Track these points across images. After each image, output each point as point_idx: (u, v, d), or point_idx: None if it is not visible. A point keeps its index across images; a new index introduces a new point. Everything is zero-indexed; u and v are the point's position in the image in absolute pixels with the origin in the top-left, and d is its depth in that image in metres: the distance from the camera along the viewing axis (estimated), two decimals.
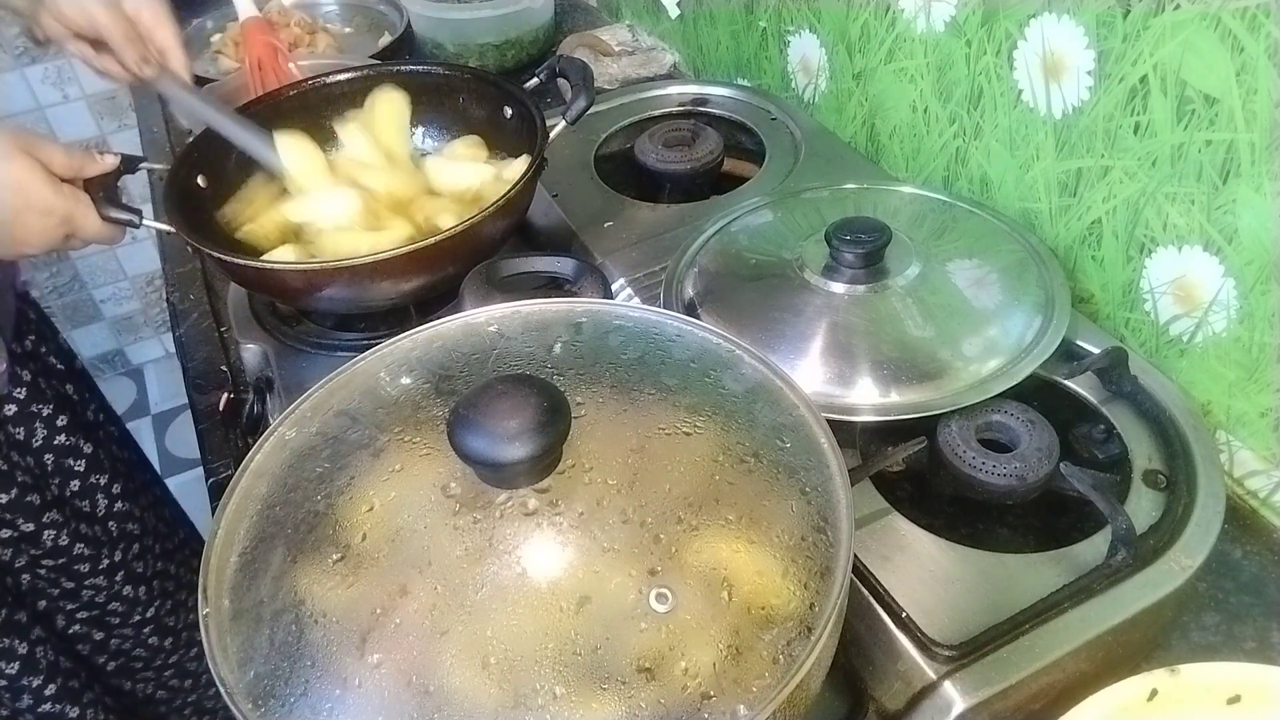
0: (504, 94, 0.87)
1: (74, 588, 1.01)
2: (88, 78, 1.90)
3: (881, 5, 0.86)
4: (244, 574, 0.43)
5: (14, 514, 0.92)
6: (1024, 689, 0.52)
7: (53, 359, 1.03)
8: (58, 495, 0.97)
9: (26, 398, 0.94)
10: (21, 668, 0.94)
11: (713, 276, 0.73)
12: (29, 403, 0.94)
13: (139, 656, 1.12)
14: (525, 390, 0.41)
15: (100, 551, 1.01)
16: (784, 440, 0.46)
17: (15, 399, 0.93)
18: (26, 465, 0.93)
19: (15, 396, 0.93)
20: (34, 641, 0.96)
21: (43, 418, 0.95)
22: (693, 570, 0.40)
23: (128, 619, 1.07)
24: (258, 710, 0.37)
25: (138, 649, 1.11)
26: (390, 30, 1.32)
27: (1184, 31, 0.60)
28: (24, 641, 0.95)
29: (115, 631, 1.08)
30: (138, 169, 0.80)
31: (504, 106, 0.86)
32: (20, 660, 0.94)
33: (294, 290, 0.76)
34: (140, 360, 2.36)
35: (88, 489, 1.01)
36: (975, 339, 0.64)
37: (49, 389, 0.98)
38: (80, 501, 1.00)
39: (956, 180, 0.86)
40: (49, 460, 0.96)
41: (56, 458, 0.97)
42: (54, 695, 0.98)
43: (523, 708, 0.36)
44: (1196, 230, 0.65)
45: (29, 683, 0.95)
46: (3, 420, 0.92)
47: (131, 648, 1.10)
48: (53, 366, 1.02)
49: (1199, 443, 0.61)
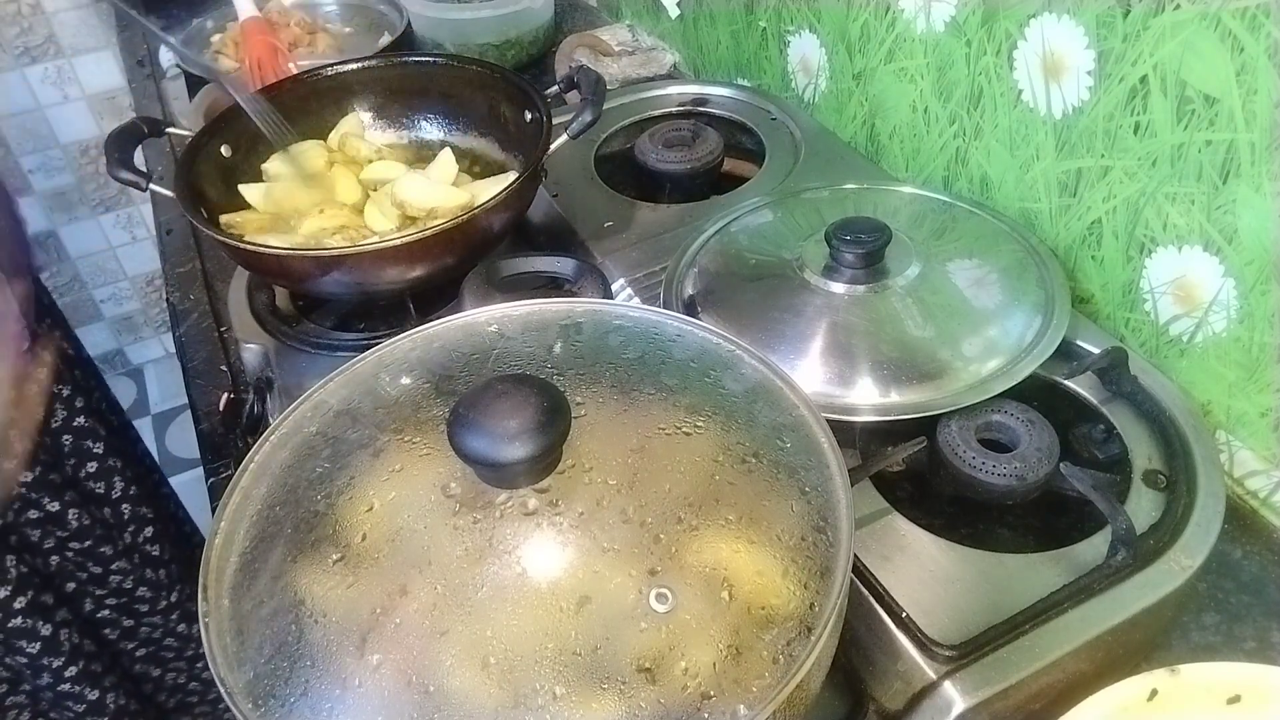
0: (524, 96, 0.86)
1: (101, 572, 1.02)
2: (88, 77, 1.90)
3: (881, 5, 0.86)
4: (244, 574, 0.43)
5: (39, 493, 0.93)
6: (1024, 689, 0.52)
7: (65, 344, 1.04)
8: (71, 476, 0.99)
9: (48, 378, 0.95)
10: (43, 648, 0.96)
11: (713, 276, 0.73)
12: (50, 384, 0.96)
13: (170, 646, 1.13)
14: (525, 390, 0.41)
15: (112, 533, 1.03)
16: (784, 440, 0.46)
17: (37, 379, 0.94)
18: (45, 445, 0.95)
19: (37, 377, 0.94)
20: (59, 624, 0.97)
21: (63, 398, 0.97)
22: (693, 570, 0.40)
23: (155, 605, 1.09)
24: (258, 710, 0.37)
25: (168, 638, 1.13)
26: (390, 30, 1.32)
27: (1184, 31, 0.60)
28: (48, 623, 0.96)
29: (144, 619, 1.09)
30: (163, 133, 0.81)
31: (524, 110, 0.86)
32: (42, 641, 0.96)
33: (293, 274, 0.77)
34: (140, 360, 2.36)
35: (104, 471, 1.03)
36: (975, 339, 0.64)
37: (66, 372, 0.99)
38: (94, 484, 1.02)
39: (956, 180, 0.86)
40: (67, 441, 0.98)
41: (75, 439, 0.99)
42: (74, 677, 1.00)
43: (523, 708, 0.36)
44: (1196, 230, 0.65)
45: (49, 663, 0.98)
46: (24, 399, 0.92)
47: (161, 636, 1.12)
48: (65, 351, 1.03)
49: (1199, 443, 0.61)
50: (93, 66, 1.89)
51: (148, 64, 1.40)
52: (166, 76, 1.33)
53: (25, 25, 1.80)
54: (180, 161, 0.80)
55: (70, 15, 1.82)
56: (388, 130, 0.94)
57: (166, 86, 1.32)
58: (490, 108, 0.91)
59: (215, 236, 0.73)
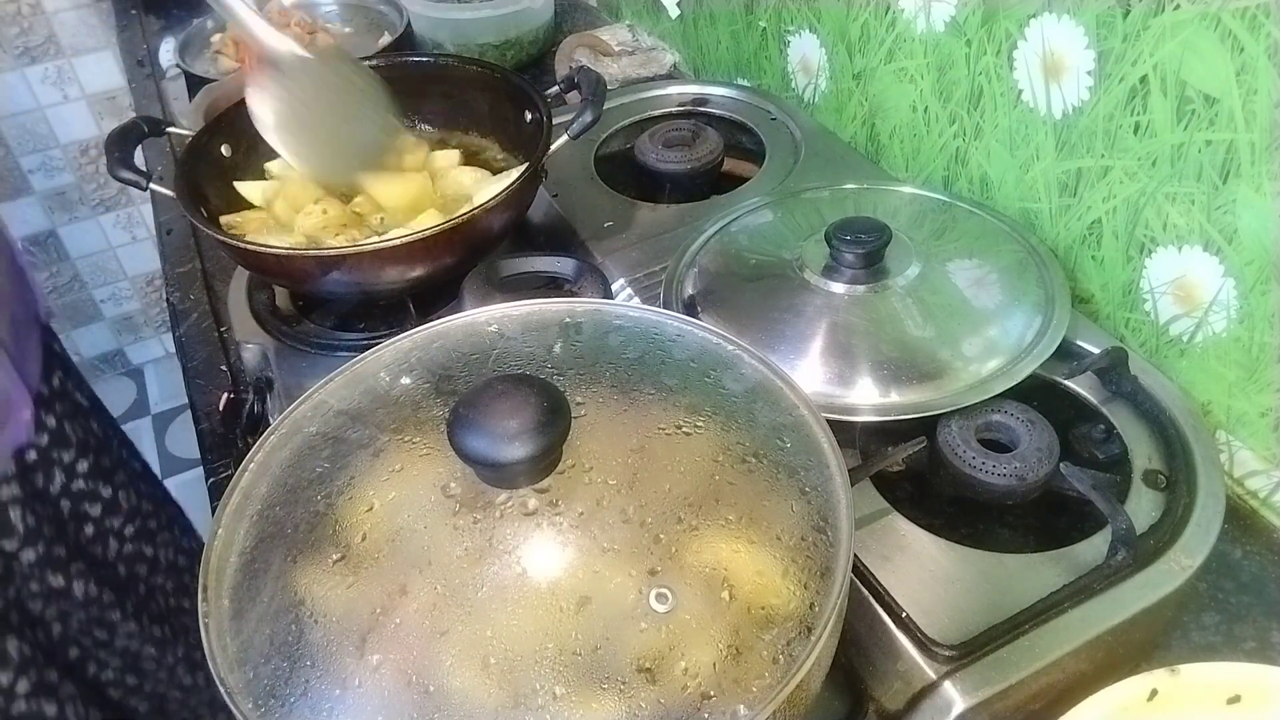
0: (524, 96, 0.86)
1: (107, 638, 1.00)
2: (88, 77, 1.90)
3: (881, 5, 0.86)
4: (244, 574, 0.43)
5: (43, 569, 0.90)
6: (1024, 689, 0.52)
7: (78, 395, 1.01)
8: (75, 542, 0.95)
9: (49, 444, 0.92)
10: None
11: (713, 276, 0.73)
12: (50, 449, 0.92)
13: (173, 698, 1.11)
14: (525, 390, 0.41)
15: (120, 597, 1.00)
16: (784, 440, 0.46)
17: (37, 445, 0.90)
18: (47, 515, 0.91)
19: (37, 443, 0.90)
20: (63, 700, 0.93)
21: (63, 464, 0.93)
22: (693, 570, 0.40)
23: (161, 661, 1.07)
24: (258, 710, 0.37)
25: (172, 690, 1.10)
26: (390, 30, 1.32)
27: (1184, 31, 0.60)
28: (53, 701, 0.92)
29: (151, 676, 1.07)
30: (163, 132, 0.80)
31: (524, 110, 0.86)
32: None
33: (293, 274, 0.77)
34: (140, 360, 2.36)
35: (101, 534, 0.99)
36: (975, 339, 0.64)
37: (73, 431, 0.96)
38: (94, 548, 0.99)
39: (956, 180, 0.86)
40: (66, 506, 0.94)
41: (73, 504, 0.95)
42: None
43: (523, 708, 0.36)
44: (1196, 230, 0.65)
45: None
46: (26, 469, 0.89)
47: (166, 689, 1.09)
48: (79, 404, 1.00)
49: (1199, 443, 0.61)
50: (93, 66, 1.89)
51: (148, 64, 1.40)
52: (166, 76, 1.33)
53: (25, 25, 1.80)
54: (180, 161, 0.81)
55: (70, 15, 1.82)
56: None
57: (166, 86, 1.32)
58: (490, 108, 0.92)
59: (215, 236, 0.73)
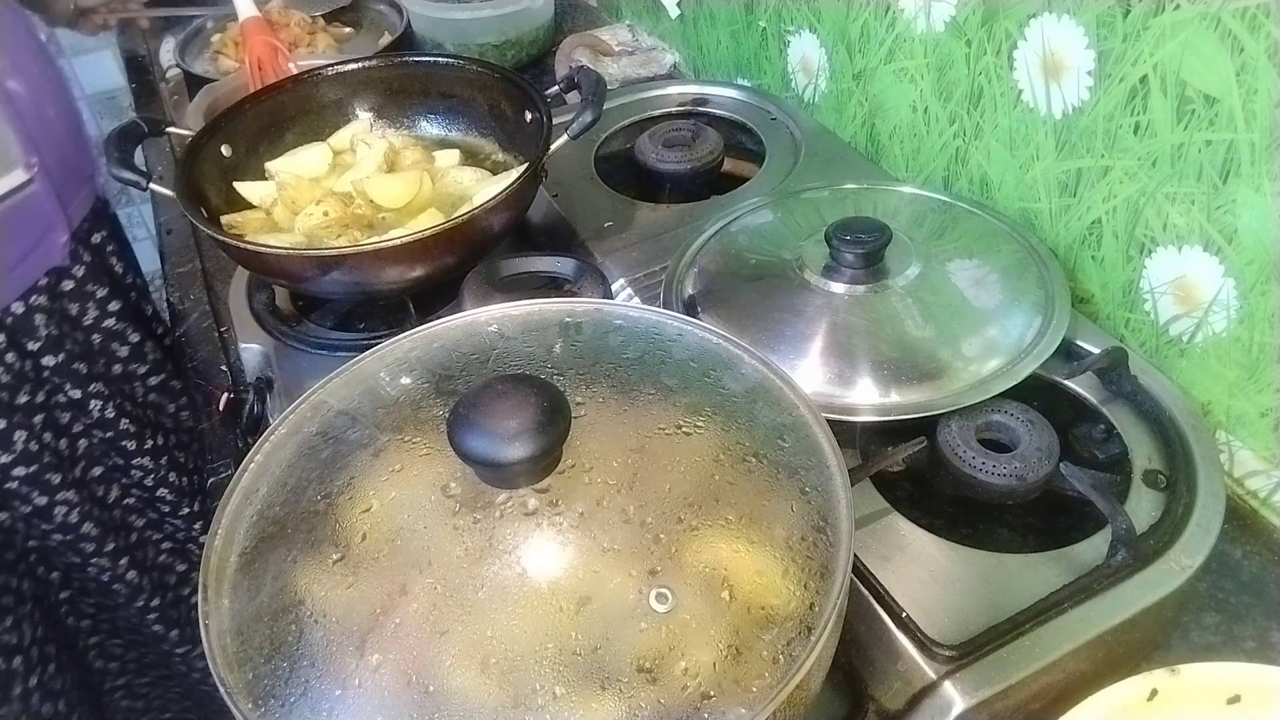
0: (524, 96, 0.87)
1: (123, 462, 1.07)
2: (88, 77, 1.90)
3: (881, 5, 0.86)
4: (244, 574, 0.43)
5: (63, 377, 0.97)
6: (1024, 689, 0.52)
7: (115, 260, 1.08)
8: (101, 371, 1.03)
9: (84, 276, 1.00)
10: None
11: (713, 276, 0.73)
12: (85, 282, 1.00)
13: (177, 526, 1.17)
14: (525, 390, 0.41)
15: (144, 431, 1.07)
16: (784, 440, 0.46)
17: (73, 276, 0.99)
18: (76, 339, 0.99)
19: (73, 274, 0.99)
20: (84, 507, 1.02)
21: (96, 299, 1.01)
22: (693, 570, 0.40)
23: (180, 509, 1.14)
24: (258, 710, 0.37)
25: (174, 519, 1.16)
26: (390, 30, 1.32)
27: (1184, 31, 0.60)
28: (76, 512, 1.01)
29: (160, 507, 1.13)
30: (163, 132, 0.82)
31: (524, 110, 0.87)
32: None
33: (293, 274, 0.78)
34: None
35: (126, 376, 1.07)
36: (975, 339, 0.64)
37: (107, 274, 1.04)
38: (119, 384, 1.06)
39: (956, 180, 0.86)
40: (96, 340, 1.02)
41: (104, 340, 1.03)
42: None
43: (523, 708, 0.36)
44: (1196, 230, 0.65)
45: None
46: (59, 295, 0.97)
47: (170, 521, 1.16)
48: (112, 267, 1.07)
49: (1199, 443, 0.61)
50: (93, 66, 1.89)
51: (148, 64, 1.40)
52: (166, 76, 1.33)
53: None
54: (180, 161, 0.81)
55: None
56: (388, 130, 0.94)
57: (166, 86, 1.32)
58: (490, 108, 0.92)
59: (215, 236, 0.73)
